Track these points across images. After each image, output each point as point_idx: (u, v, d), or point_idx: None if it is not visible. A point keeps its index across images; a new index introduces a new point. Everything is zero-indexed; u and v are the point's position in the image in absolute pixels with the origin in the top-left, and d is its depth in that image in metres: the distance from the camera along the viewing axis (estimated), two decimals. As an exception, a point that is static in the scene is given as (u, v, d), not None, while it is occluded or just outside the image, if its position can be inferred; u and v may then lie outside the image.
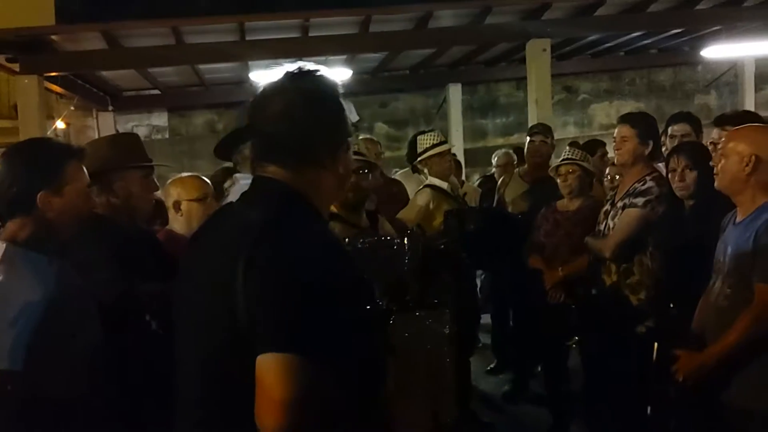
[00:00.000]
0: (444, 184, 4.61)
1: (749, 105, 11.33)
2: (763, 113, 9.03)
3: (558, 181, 4.43)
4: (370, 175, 3.60)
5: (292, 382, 1.33)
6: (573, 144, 7.45)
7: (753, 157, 2.77)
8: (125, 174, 2.72)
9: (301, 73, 1.65)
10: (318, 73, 1.67)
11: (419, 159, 4.68)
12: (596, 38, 9.58)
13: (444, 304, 1.72)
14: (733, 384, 2.79)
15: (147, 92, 10.66)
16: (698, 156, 3.61)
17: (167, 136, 11.17)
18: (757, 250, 2.71)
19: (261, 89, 1.65)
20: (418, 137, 4.86)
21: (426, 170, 4.68)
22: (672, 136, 4.38)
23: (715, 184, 2.93)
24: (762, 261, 2.70)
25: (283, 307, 1.40)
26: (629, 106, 11.85)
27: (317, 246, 1.50)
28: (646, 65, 11.99)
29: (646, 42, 10.34)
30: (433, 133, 4.80)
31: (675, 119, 4.50)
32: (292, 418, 1.32)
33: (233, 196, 2.27)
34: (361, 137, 5.15)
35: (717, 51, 9.43)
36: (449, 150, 4.81)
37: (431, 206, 4.47)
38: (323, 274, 1.44)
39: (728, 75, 12.07)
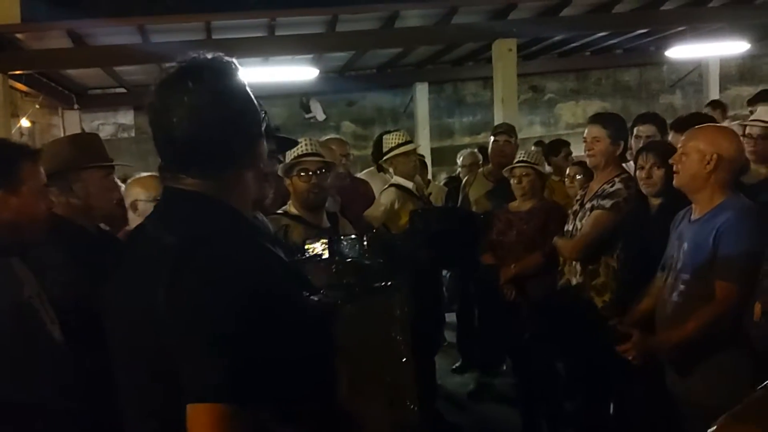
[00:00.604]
0: (409, 184, 4.64)
1: (714, 105, 11.50)
2: (729, 112, 9.23)
3: (512, 182, 4.50)
4: (329, 175, 3.60)
5: None
6: (538, 144, 7.55)
7: (715, 156, 2.82)
8: (84, 174, 2.70)
9: (199, 66, 1.44)
10: (216, 63, 1.46)
11: (385, 158, 4.70)
12: (562, 38, 9.66)
13: (394, 287, 1.64)
14: (691, 381, 2.86)
15: (113, 90, 10.54)
16: (667, 154, 3.64)
17: (133, 134, 11.06)
18: (718, 248, 2.76)
19: (156, 90, 1.45)
20: (383, 136, 4.88)
21: (391, 169, 4.70)
22: (637, 137, 4.43)
23: (674, 182, 2.98)
24: (723, 259, 2.75)
25: (211, 347, 1.24)
26: (595, 106, 11.98)
27: (246, 264, 1.32)
28: (611, 65, 12.10)
29: (611, 42, 10.44)
30: (398, 133, 4.83)
31: (641, 120, 4.53)
32: None
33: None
34: (329, 137, 5.16)
35: (682, 51, 9.52)
36: (415, 150, 4.84)
37: (396, 206, 4.49)
38: (256, 298, 1.28)
39: (693, 75, 12.22)
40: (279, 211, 3.50)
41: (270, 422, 1.27)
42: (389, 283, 1.79)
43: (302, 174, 3.44)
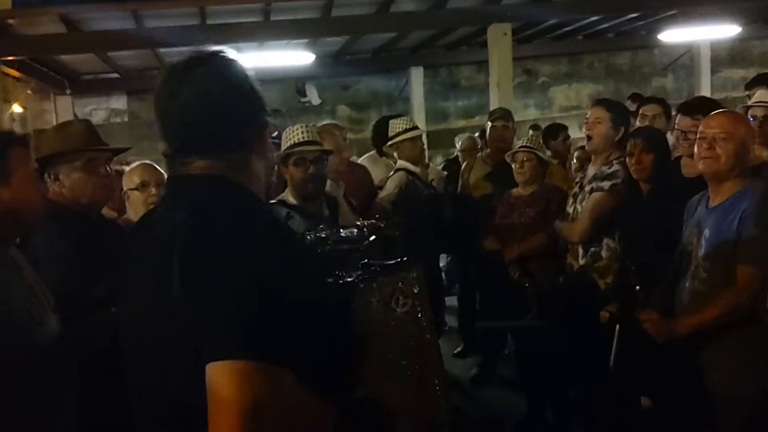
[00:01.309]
0: (416, 168, 4.63)
1: (705, 88, 11.57)
2: (719, 95, 9.28)
3: (514, 167, 4.51)
4: (326, 163, 3.52)
5: (248, 392, 1.18)
6: (534, 127, 7.58)
7: (748, 144, 2.84)
8: (71, 160, 2.67)
9: (206, 57, 1.51)
10: (221, 54, 1.53)
11: (391, 143, 4.69)
12: (556, 22, 9.67)
13: (411, 263, 1.64)
14: (714, 369, 2.84)
15: (106, 76, 10.47)
16: (654, 140, 3.66)
17: (126, 119, 11.02)
18: (741, 232, 2.74)
19: (166, 78, 1.49)
20: (390, 121, 4.85)
21: (395, 154, 4.70)
22: (643, 116, 4.44)
23: (706, 167, 2.88)
24: (745, 243, 2.73)
25: (230, 305, 1.24)
26: (588, 89, 12.04)
27: (262, 230, 1.36)
28: (604, 49, 12.13)
29: (604, 26, 10.47)
30: (405, 118, 4.83)
31: (646, 100, 4.58)
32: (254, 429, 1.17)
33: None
34: (326, 122, 5.12)
35: (673, 35, 9.54)
36: (420, 136, 4.82)
37: (408, 189, 4.48)
38: (273, 261, 1.29)
39: (684, 58, 12.26)
40: (274, 200, 3.47)
41: (291, 384, 1.24)
42: (405, 259, 1.79)
43: (299, 163, 3.37)
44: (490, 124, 5.43)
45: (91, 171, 2.69)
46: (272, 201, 3.47)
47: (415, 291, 1.78)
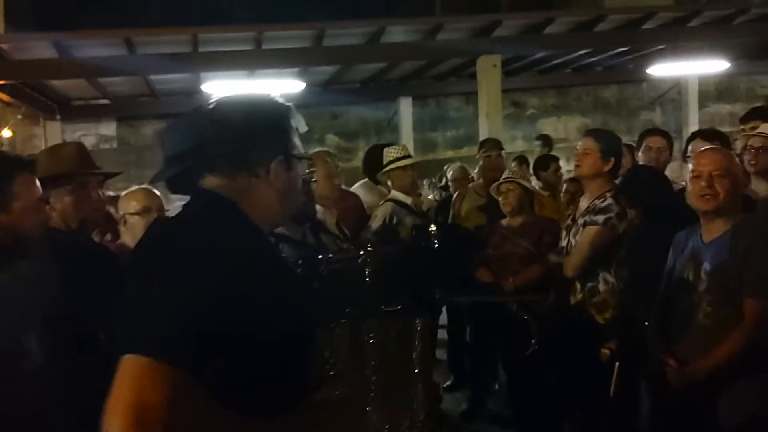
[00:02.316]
0: (407, 199, 4.61)
1: (693, 122, 11.67)
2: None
3: (499, 199, 4.53)
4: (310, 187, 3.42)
5: (145, 387, 1.22)
6: (519, 159, 7.59)
7: (741, 179, 2.90)
8: (63, 183, 2.65)
9: (249, 94, 1.71)
10: (266, 95, 1.68)
11: (383, 171, 4.68)
12: (544, 55, 9.76)
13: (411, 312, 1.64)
14: (723, 404, 2.80)
15: (96, 102, 10.46)
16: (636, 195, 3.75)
17: (115, 145, 10.98)
18: (746, 267, 2.74)
19: (204, 103, 1.64)
20: (384, 149, 4.84)
21: (389, 182, 4.68)
22: (648, 147, 4.49)
23: (707, 205, 2.88)
24: (752, 277, 2.73)
25: (153, 307, 1.31)
26: (576, 122, 12.12)
27: (228, 250, 1.41)
28: (592, 82, 12.23)
29: (592, 60, 10.56)
30: (398, 146, 4.82)
31: (650, 133, 4.67)
32: (137, 424, 1.19)
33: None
34: (318, 149, 5.10)
35: (662, 69, 9.62)
36: (413, 165, 4.81)
37: (394, 221, 4.47)
38: (224, 280, 1.35)
39: (672, 92, 12.37)
40: None
41: (194, 393, 1.26)
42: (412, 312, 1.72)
43: None
44: (485, 154, 5.43)
45: (82, 195, 2.68)
46: None
47: (416, 340, 1.69)
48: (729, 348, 2.74)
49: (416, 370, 1.64)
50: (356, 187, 5.52)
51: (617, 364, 3.35)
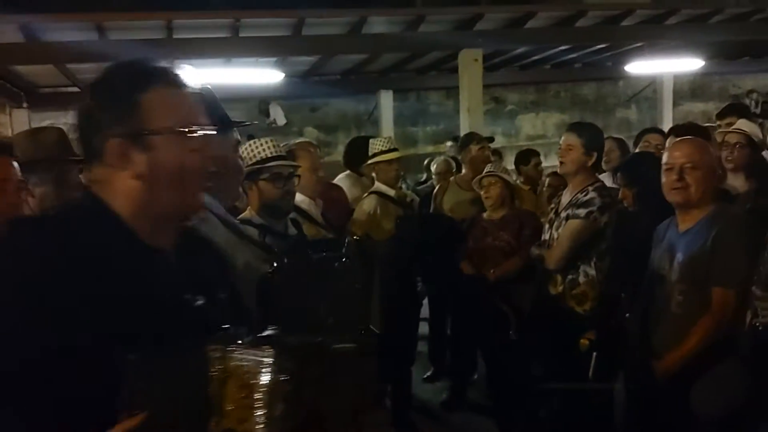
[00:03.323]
0: (391, 191, 4.55)
1: (667, 120, 11.77)
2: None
3: (481, 193, 4.60)
4: (297, 179, 3.29)
5: None
6: (494, 153, 7.55)
7: (715, 169, 2.90)
8: (43, 170, 2.60)
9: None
10: (113, 65, 1.40)
11: (369, 163, 4.62)
12: (524, 51, 9.74)
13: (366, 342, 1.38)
14: (691, 390, 2.85)
15: (65, 89, 10.20)
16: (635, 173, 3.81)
17: (85, 135, 10.74)
18: (715, 255, 2.80)
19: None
20: (370, 140, 4.78)
21: (374, 175, 4.62)
22: (647, 144, 4.61)
23: (677, 197, 2.95)
24: (719, 266, 2.80)
25: None
26: (554, 118, 12.16)
27: (32, 254, 1.24)
28: (570, 79, 12.31)
29: (571, 56, 10.60)
30: (385, 138, 4.77)
31: (648, 131, 4.88)
32: None
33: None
34: (300, 140, 4.98)
35: (638, 67, 9.74)
36: (398, 158, 4.74)
37: (377, 213, 4.40)
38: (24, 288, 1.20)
39: (648, 90, 12.50)
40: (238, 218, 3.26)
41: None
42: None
43: (275, 179, 3.11)
44: (473, 148, 5.37)
45: (61, 183, 2.60)
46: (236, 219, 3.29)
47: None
48: (697, 337, 2.83)
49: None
50: (339, 179, 5.42)
51: (595, 354, 3.40)
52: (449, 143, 8.93)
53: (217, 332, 1.21)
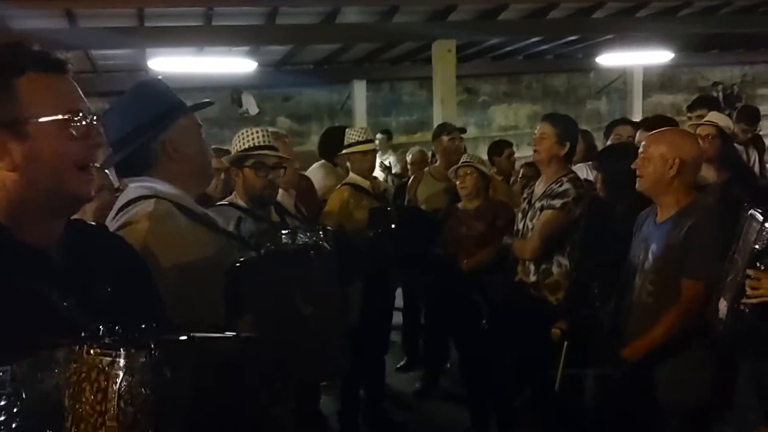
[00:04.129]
0: (365, 183, 4.55)
1: (637, 111, 11.91)
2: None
3: (457, 183, 4.60)
4: (283, 171, 3.39)
5: None
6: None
7: (677, 160, 2.88)
8: None
9: None
10: None
11: (343, 152, 4.61)
12: (497, 42, 9.78)
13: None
14: (658, 380, 2.90)
15: (34, 77, 10.05)
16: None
17: (54, 124, 10.58)
18: (688, 247, 2.82)
19: None
20: (346, 130, 4.77)
21: (348, 165, 4.61)
22: (618, 135, 4.65)
23: (638, 186, 3.01)
24: (690, 258, 2.82)
25: None
26: (526, 109, 12.22)
27: None
28: (542, 70, 12.38)
29: (543, 48, 10.67)
30: (362, 129, 4.75)
31: (619, 122, 4.93)
32: None
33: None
34: (270, 130, 4.96)
35: (609, 59, 9.83)
36: (374, 150, 4.74)
37: (350, 205, 4.40)
38: None
39: (618, 82, 12.61)
40: (224, 202, 3.31)
41: None
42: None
43: (258, 168, 3.21)
44: (446, 138, 5.39)
45: None
46: (221, 203, 3.31)
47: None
48: (663, 327, 2.85)
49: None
50: (314, 169, 5.40)
51: (566, 343, 3.40)
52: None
53: (88, 331, 1.07)
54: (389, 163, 8.38)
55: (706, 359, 2.87)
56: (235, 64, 8.33)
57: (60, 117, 1.27)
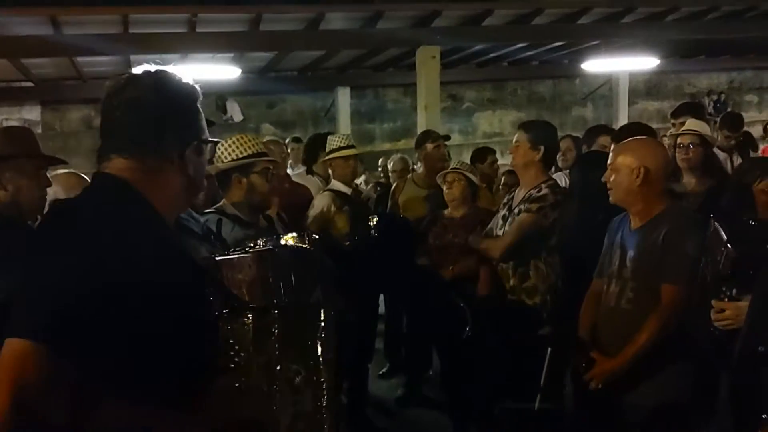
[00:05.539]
0: (347, 189, 4.55)
1: (623, 118, 11.94)
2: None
3: (443, 188, 4.59)
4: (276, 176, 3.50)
5: (25, 368, 1.27)
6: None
7: (642, 169, 2.90)
8: (16, 165, 2.62)
9: (151, 71, 1.62)
10: (167, 71, 1.63)
11: (324, 159, 4.62)
12: (482, 48, 9.80)
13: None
14: (637, 382, 2.89)
15: (18, 84, 10.01)
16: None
17: (39, 131, 10.53)
18: (665, 253, 2.83)
19: (116, 81, 1.60)
20: (328, 137, 4.78)
21: (330, 171, 4.62)
22: (602, 146, 4.68)
23: (611, 198, 3.03)
24: (669, 263, 2.83)
25: (35, 294, 1.35)
26: (511, 116, 12.25)
27: (102, 236, 1.39)
28: (527, 76, 12.39)
29: (528, 54, 10.68)
30: (343, 135, 4.76)
31: (599, 132, 5.00)
32: (14, 404, 1.25)
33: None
34: (268, 138, 5.03)
35: (595, 65, 9.82)
36: (355, 156, 4.75)
37: (331, 211, 4.41)
38: (110, 268, 1.35)
39: (604, 89, 12.64)
40: (212, 209, 3.32)
41: (71, 375, 1.28)
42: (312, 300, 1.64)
43: (265, 174, 3.30)
44: (430, 145, 5.39)
45: (36, 178, 2.68)
46: (208, 210, 3.32)
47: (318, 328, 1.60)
48: (646, 334, 2.84)
49: (320, 359, 1.59)
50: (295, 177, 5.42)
51: (549, 350, 3.42)
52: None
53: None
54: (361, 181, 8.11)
55: (688, 364, 2.88)
56: (219, 71, 8.32)
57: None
